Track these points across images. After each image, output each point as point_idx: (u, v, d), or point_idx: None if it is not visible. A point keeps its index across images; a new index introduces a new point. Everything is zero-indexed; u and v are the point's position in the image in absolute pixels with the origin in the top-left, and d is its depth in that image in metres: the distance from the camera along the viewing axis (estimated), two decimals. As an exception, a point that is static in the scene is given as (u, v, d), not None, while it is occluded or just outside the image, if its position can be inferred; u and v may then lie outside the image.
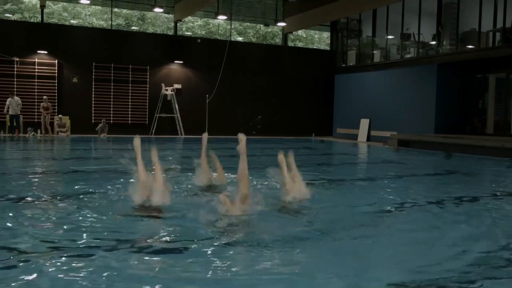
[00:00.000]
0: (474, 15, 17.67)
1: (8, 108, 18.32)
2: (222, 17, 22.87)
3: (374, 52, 23.14)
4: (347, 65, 24.62)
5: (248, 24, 27.25)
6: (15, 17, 22.89)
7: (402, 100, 20.23)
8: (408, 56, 21.32)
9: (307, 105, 24.40)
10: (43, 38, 19.76)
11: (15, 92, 18.89)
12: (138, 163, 5.39)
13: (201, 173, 6.83)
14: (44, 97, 19.16)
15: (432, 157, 14.18)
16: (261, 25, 27.13)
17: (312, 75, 24.49)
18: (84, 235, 4.18)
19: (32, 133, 18.64)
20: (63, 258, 3.50)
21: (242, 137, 5.41)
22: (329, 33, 26.27)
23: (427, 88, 19.12)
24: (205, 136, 7.17)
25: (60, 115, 19.75)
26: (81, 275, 3.18)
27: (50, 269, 3.27)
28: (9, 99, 18.31)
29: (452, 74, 19.07)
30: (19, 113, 18.60)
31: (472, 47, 18.37)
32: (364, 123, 22.04)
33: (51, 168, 9.75)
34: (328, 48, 26.55)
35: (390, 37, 22.21)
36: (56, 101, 20.15)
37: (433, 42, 20.16)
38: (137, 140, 5.58)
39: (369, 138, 21.66)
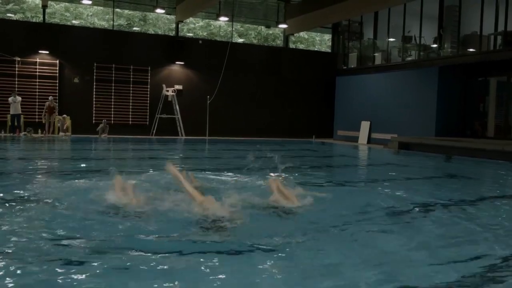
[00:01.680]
0: (475, 18, 17.65)
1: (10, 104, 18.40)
2: (223, 19, 22.89)
3: (375, 54, 23.14)
4: (348, 67, 24.61)
5: (250, 25, 27.25)
6: (17, 16, 22.92)
7: (403, 102, 20.22)
8: (409, 58, 21.30)
9: (307, 106, 24.40)
10: (44, 38, 19.79)
11: (16, 91, 18.94)
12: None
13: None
14: (50, 97, 19.18)
15: (433, 160, 14.17)
16: (263, 27, 27.13)
17: (313, 77, 24.49)
18: (54, 238, 4.06)
19: (24, 132, 18.58)
20: (46, 261, 3.41)
21: (169, 168, 5.28)
22: (331, 35, 26.28)
23: (428, 91, 19.11)
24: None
25: (64, 115, 19.78)
26: (60, 279, 3.12)
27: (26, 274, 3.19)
28: (11, 98, 18.37)
29: (453, 77, 19.06)
30: (20, 112, 18.65)
31: (474, 50, 18.36)
32: (365, 125, 22.02)
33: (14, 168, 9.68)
34: (329, 50, 26.55)
35: (391, 39, 22.20)
36: (57, 101, 20.16)
37: (435, 45, 20.14)
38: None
39: (369, 141, 21.65)
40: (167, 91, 21.48)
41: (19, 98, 18.52)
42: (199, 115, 21.98)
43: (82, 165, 10.27)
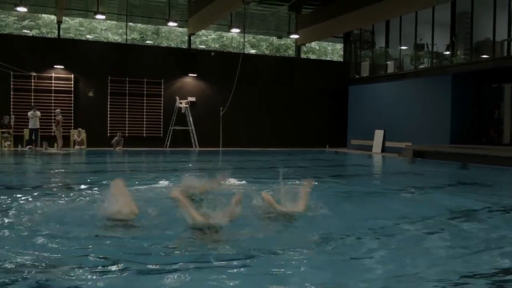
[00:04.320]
0: (488, 25, 17.56)
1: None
2: (235, 30, 23.04)
3: (388, 62, 23.08)
4: (361, 76, 24.58)
5: (261, 36, 27.40)
6: (33, 32, 23.32)
7: (416, 110, 20.11)
8: (422, 66, 21.23)
9: (321, 116, 24.38)
10: (59, 53, 20.11)
11: (35, 106, 19.21)
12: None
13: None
14: (57, 110, 19.40)
15: (448, 168, 14.04)
16: (274, 38, 27.26)
17: (325, 86, 24.50)
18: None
19: (29, 146, 18.74)
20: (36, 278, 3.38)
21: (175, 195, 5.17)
22: (342, 44, 26.31)
23: (441, 99, 19.00)
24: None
25: (79, 129, 19.99)
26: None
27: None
28: (30, 112, 18.66)
29: (466, 84, 18.93)
30: (39, 127, 18.92)
31: (487, 56, 18.23)
32: (379, 134, 21.93)
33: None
34: (341, 59, 26.57)
35: (403, 47, 22.15)
36: (72, 115, 20.42)
37: (447, 52, 20.05)
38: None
39: (383, 149, 21.53)
40: (181, 103, 21.63)
41: (38, 113, 18.81)
42: (212, 127, 22.09)
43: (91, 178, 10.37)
